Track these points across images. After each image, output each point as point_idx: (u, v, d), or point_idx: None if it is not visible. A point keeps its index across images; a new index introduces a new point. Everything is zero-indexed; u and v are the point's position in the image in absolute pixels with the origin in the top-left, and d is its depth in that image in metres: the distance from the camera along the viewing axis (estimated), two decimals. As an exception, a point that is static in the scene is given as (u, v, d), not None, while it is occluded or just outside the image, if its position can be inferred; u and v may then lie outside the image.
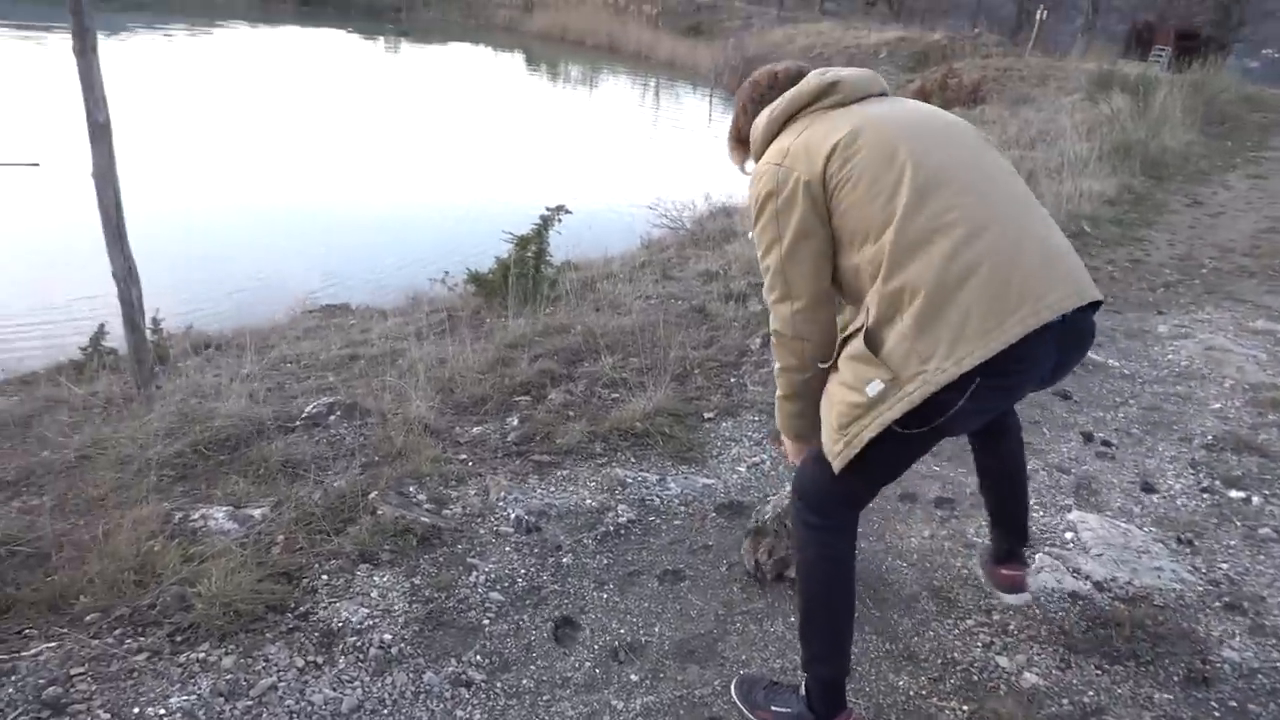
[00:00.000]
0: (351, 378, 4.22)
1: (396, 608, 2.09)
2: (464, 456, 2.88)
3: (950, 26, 27.53)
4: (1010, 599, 2.26)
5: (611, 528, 2.46)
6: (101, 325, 5.07)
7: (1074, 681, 2.04)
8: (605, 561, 2.33)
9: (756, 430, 3.07)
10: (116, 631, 1.96)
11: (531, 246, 5.30)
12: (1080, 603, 2.31)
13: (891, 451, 1.63)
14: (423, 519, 2.36)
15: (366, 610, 2.06)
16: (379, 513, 2.38)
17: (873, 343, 1.57)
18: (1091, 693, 2.01)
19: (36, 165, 10.87)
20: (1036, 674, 2.06)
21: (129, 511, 2.47)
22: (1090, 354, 3.99)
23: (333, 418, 3.14)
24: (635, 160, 14.42)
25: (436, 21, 30.48)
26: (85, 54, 3.33)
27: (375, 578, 2.17)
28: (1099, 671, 2.08)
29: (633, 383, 3.39)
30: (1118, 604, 2.31)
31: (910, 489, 2.79)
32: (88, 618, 2.00)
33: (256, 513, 2.43)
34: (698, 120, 18.46)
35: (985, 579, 2.27)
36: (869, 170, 1.60)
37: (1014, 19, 32.22)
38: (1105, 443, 3.23)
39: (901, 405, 1.52)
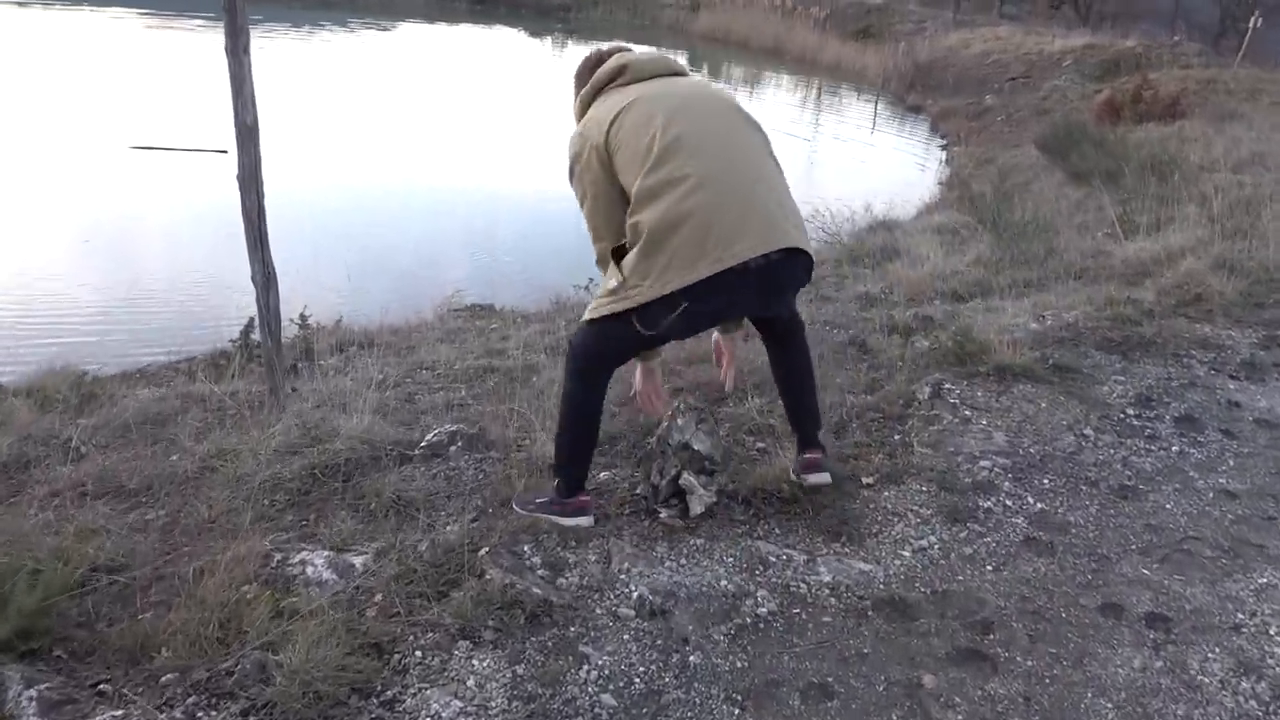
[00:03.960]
0: (483, 394, 4.05)
1: (494, 703, 1.80)
2: (588, 507, 2.59)
3: (1143, 33, 25.40)
4: (810, 479, 2.58)
5: (749, 620, 2.10)
6: (251, 319, 5.08)
7: None
8: (739, 665, 1.97)
9: (925, 504, 2.63)
10: (190, 700, 1.76)
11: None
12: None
13: (622, 335, 2.18)
14: (534, 590, 2.08)
15: (460, 704, 1.79)
16: (487, 576, 2.12)
17: (618, 256, 2.14)
18: None
19: (224, 152, 11.51)
20: None
21: (231, 545, 2.31)
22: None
23: (454, 448, 2.93)
24: (791, 168, 13.91)
25: (603, 21, 30.68)
26: (237, 54, 3.24)
27: (475, 661, 1.90)
28: None
29: (780, 431, 3.02)
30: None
31: (1114, 598, 2.30)
32: (164, 678, 1.81)
33: (358, 561, 2.21)
34: (860, 128, 17.73)
35: (794, 468, 2.63)
36: (631, 137, 2.11)
37: (1216, 25, 29.44)
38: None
39: (623, 304, 2.09)
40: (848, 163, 14.55)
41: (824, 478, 2.58)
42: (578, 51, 24.73)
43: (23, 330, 6.55)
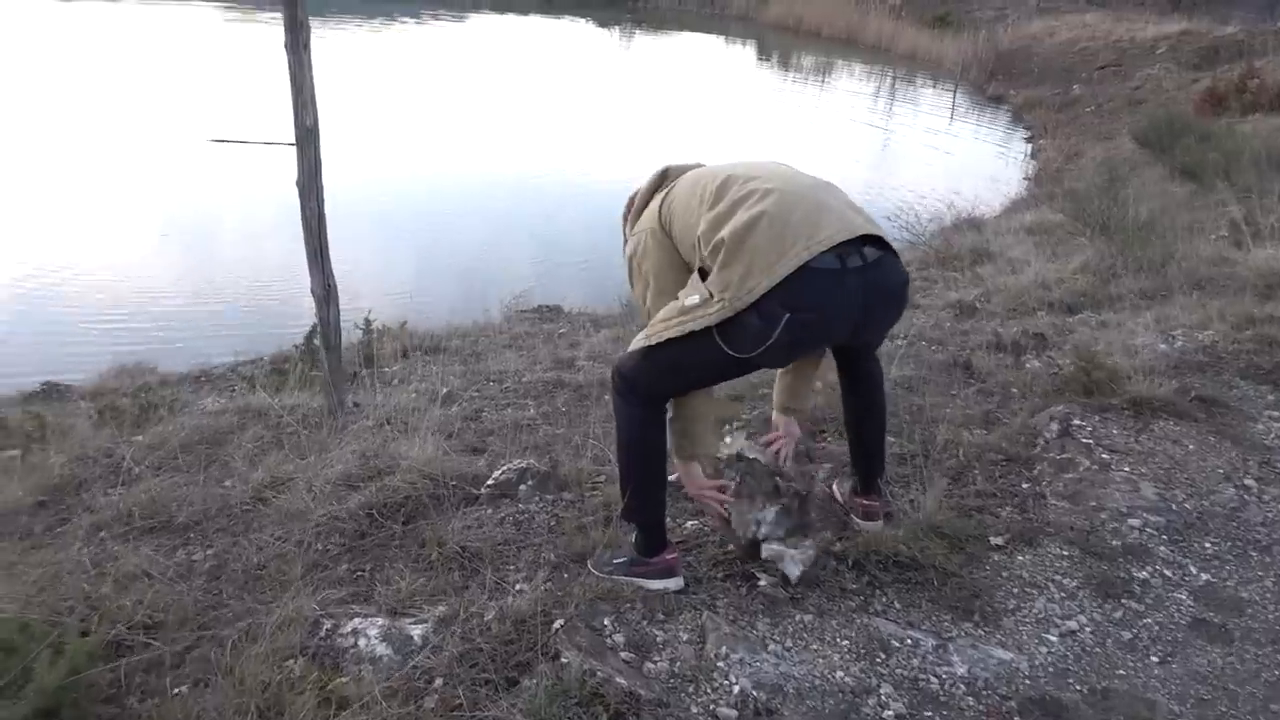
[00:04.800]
0: (553, 413, 3.78)
1: (574, 833, 1.51)
2: (675, 564, 2.28)
3: (1241, 19, 23.99)
4: (866, 526, 2.39)
5: (873, 725, 1.77)
6: (314, 326, 4.89)
7: None
8: (865, 787, 1.65)
9: (1068, 573, 2.26)
10: (220, 815, 1.51)
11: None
12: None
13: (701, 358, 1.96)
14: (618, 680, 1.78)
15: (533, 833, 1.50)
16: (563, 659, 1.83)
17: (702, 275, 1.97)
18: None
19: (293, 145, 11.54)
20: None
21: (278, 601, 2.07)
22: None
23: (523, 487, 2.64)
24: (866, 160, 13.40)
25: (672, 11, 30.24)
26: (297, 50, 3.01)
27: (550, 775, 1.60)
28: None
29: (891, 475, 2.67)
30: None
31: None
32: (193, 785, 1.57)
33: (416, 633, 1.94)
34: (937, 118, 17.06)
35: (845, 506, 2.48)
36: (681, 197, 2.10)
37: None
38: None
39: (703, 320, 1.88)
40: (926, 155, 13.98)
41: (878, 525, 2.40)
42: (645, 42, 24.53)
43: (99, 325, 6.54)
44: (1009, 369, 3.84)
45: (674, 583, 2.15)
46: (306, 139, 3.08)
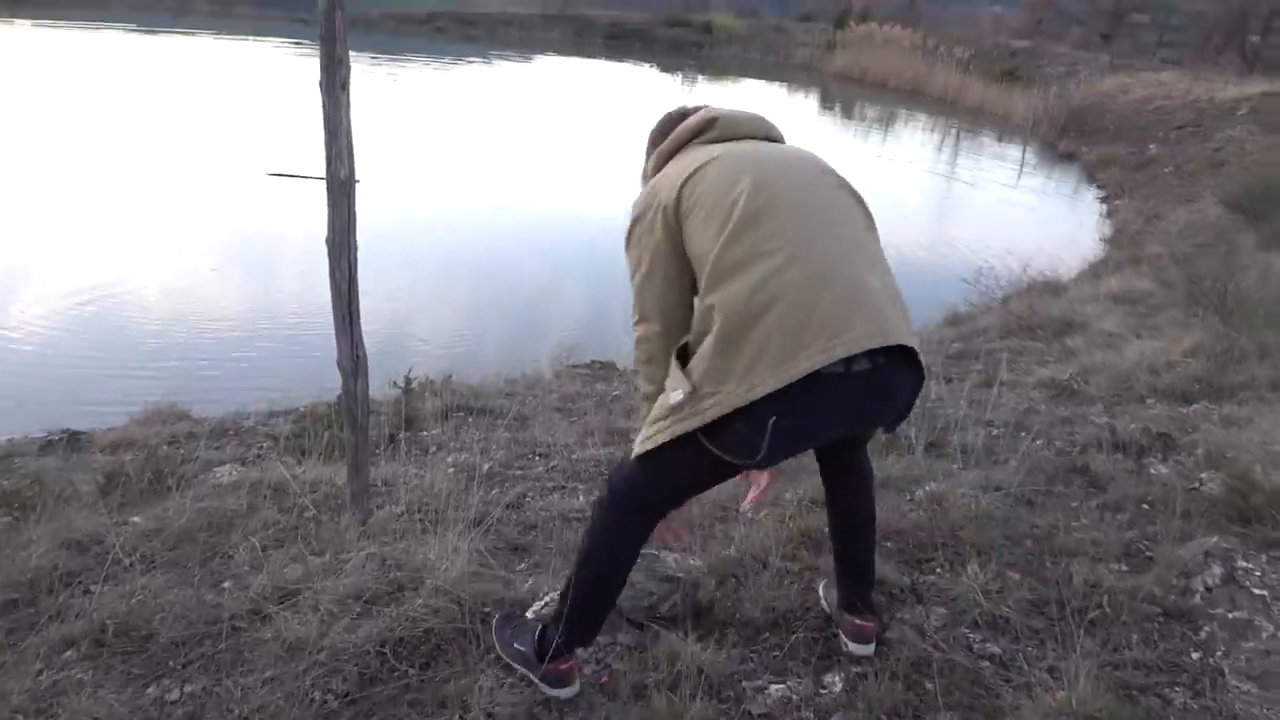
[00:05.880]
0: (604, 503, 3.31)
1: None
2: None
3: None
4: (855, 649, 2.10)
5: None
6: (339, 399, 4.48)
7: None
8: None
9: (1276, 799, 1.73)
10: None
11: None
12: None
13: (691, 463, 1.69)
14: None
15: None
16: None
17: (683, 355, 1.69)
18: None
19: (359, 181, 11.34)
20: None
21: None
22: None
23: (569, 624, 2.17)
24: (929, 216, 12.86)
25: (735, 59, 30.16)
26: (334, 91, 2.62)
27: None
28: None
29: (1019, 629, 2.15)
30: None
31: None
32: None
33: None
34: (1006, 172, 16.49)
35: (835, 623, 2.17)
36: (710, 197, 1.70)
37: None
38: None
39: (694, 420, 1.60)
40: (995, 210, 13.44)
41: (870, 648, 2.11)
42: (708, 89, 24.43)
43: (138, 360, 6.28)
44: (1134, 475, 3.30)
45: (567, 692, 1.95)
46: (340, 192, 2.69)
